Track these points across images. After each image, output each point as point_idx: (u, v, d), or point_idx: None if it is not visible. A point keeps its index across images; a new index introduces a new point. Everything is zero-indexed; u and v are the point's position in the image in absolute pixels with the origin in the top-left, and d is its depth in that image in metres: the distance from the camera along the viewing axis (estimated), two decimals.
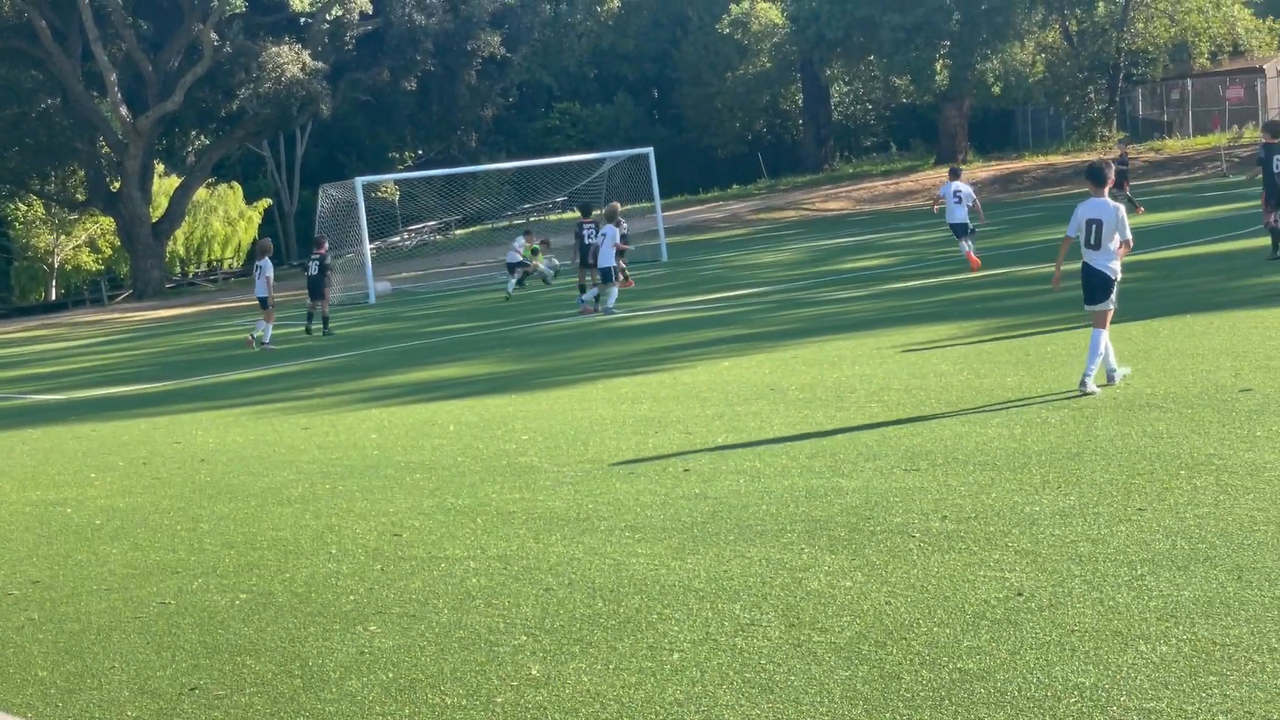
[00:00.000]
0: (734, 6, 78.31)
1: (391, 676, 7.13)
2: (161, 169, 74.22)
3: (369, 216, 44.35)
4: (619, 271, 28.88)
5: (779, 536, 8.97)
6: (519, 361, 21.55)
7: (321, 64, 64.09)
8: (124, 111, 63.36)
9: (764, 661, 6.72)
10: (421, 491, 11.81)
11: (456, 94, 71.33)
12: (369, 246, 43.89)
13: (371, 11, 66.52)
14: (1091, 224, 13.05)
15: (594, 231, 30.11)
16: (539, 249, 41.16)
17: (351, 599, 8.64)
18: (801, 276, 30.97)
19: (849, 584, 7.80)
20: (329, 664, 7.44)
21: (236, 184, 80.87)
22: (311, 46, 64.63)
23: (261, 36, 64.52)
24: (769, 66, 78.87)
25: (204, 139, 73.11)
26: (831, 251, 40.29)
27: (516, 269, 39.33)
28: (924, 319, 20.42)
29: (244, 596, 8.99)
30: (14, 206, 75.85)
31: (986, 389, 13.70)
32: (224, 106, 67.89)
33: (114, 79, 62.74)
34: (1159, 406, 11.80)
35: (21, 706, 7.29)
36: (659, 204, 47.16)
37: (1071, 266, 14.26)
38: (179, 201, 68.19)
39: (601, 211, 32.76)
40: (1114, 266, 13.08)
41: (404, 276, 53.35)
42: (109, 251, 77.64)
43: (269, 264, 30.18)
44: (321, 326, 31.54)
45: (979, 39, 67.51)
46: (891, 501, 9.56)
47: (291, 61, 62.49)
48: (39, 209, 75.23)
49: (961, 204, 29.38)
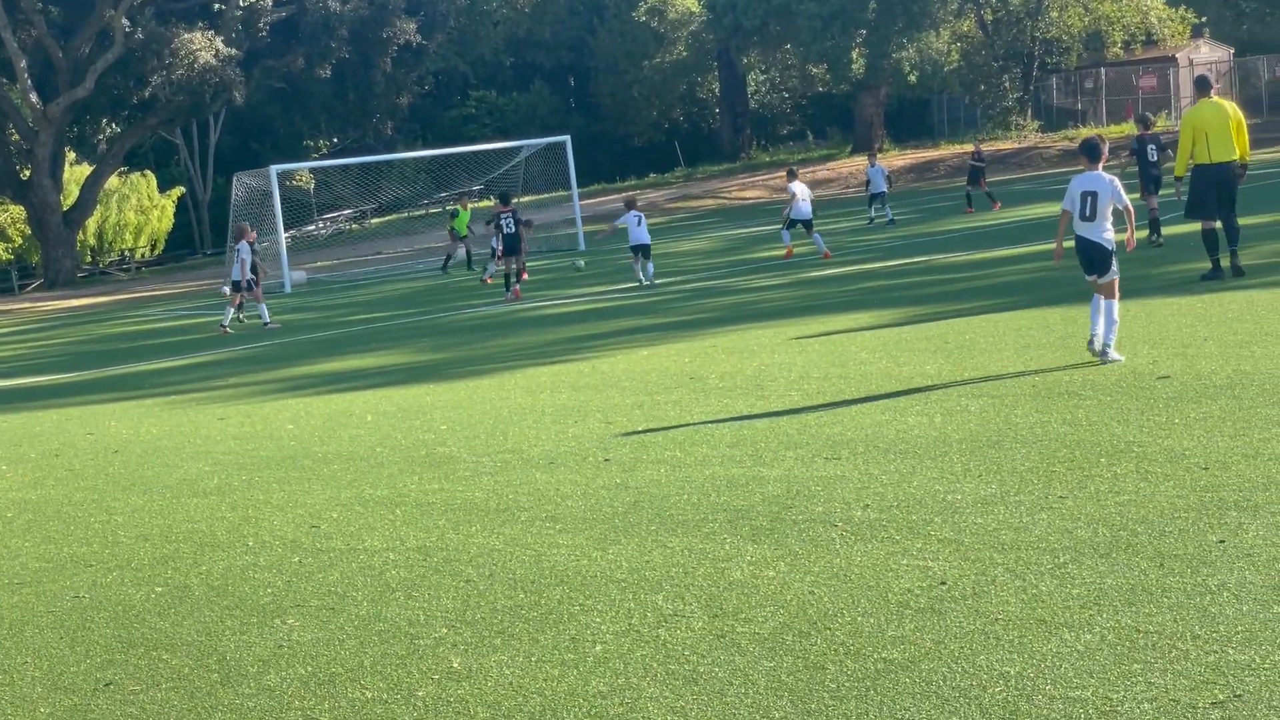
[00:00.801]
0: None
1: (310, 670, 7.01)
2: (73, 157, 73.17)
3: (284, 205, 43.97)
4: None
5: (701, 526, 8.92)
6: (436, 351, 21.39)
7: (235, 51, 63.40)
8: (34, 98, 62.41)
9: (687, 653, 6.66)
10: (339, 483, 11.67)
11: (372, 81, 70.82)
12: (284, 235, 43.48)
13: None
14: (1087, 196, 13.49)
15: (512, 220, 29.96)
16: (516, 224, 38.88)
17: (269, 592, 8.51)
18: (719, 265, 30.96)
19: (772, 574, 7.75)
20: (246, 658, 7.31)
21: (149, 172, 79.88)
22: (225, 33, 63.92)
23: (174, 23, 63.72)
24: (686, 55, 78.87)
25: (116, 126, 72.16)
26: (749, 240, 40.34)
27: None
28: (843, 307, 20.45)
29: (159, 590, 8.84)
30: None
31: (906, 377, 13.71)
32: (136, 94, 67.02)
33: (23, 65, 61.79)
34: (1078, 394, 11.84)
35: None
36: (576, 192, 47.05)
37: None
38: (90, 190, 67.26)
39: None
40: (1109, 237, 13.48)
41: (319, 266, 52.93)
42: (19, 240, 76.52)
43: (246, 247, 29.99)
44: (239, 315, 31.33)
45: (895, 28, 67.82)
46: (813, 490, 9.53)
47: (204, 48, 61.77)
48: None
49: (807, 200, 29.95)
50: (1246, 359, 12.52)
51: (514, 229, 29.75)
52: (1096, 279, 13.52)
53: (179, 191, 78.56)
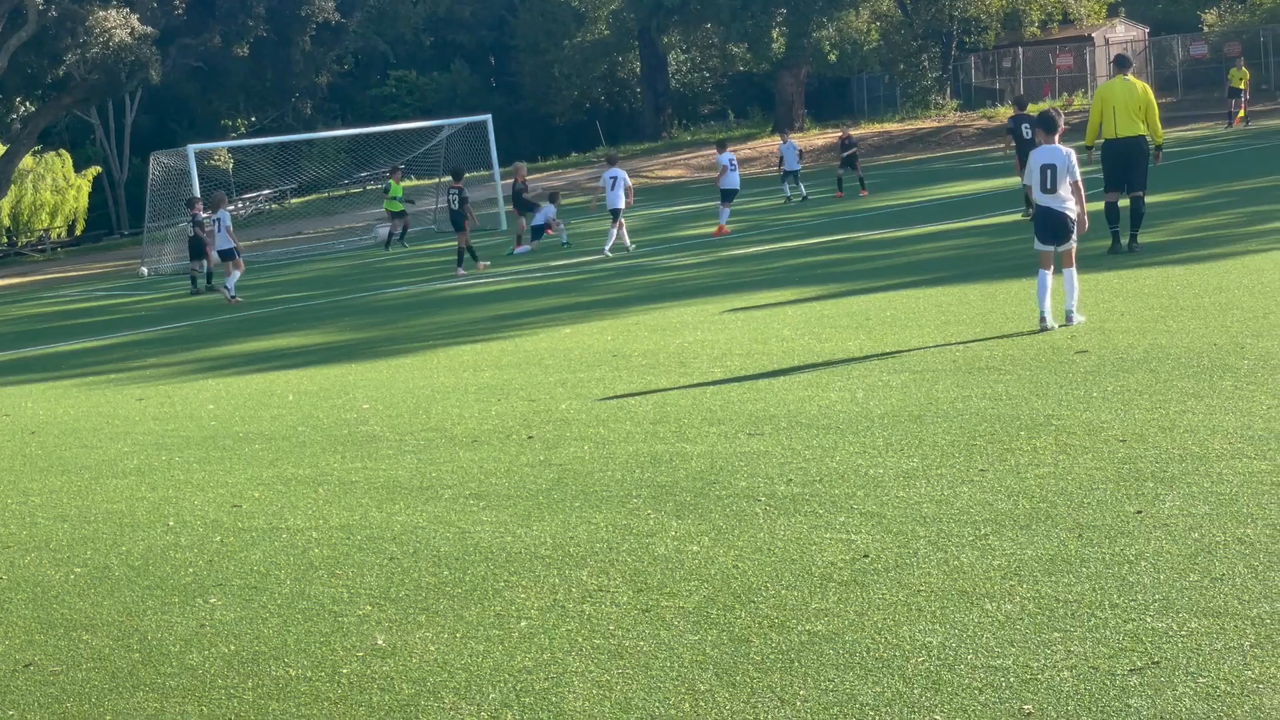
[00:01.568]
0: None
1: (233, 649, 6.97)
2: None
3: (202, 185, 43.45)
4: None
5: (625, 502, 8.93)
6: (358, 330, 21.28)
7: (151, 29, 62.64)
8: None
9: (612, 627, 6.67)
10: (261, 462, 11.59)
11: (290, 60, 70.16)
12: (202, 215, 42.99)
13: None
14: (1046, 169, 13.86)
15: (458, 197, 29.87)
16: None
17: (191, 571, 8.44)
18: (642, 243, 30.95)
19: (696, 549, 7.78)
20: (168, 638, 7.25)
21: (64, 152, 78.84)
22: (140, 11, 63.13)
23: (89, 1, 62.91)
24: (607, 34, 78.75)
25: (30, 105, 71.14)
26: (670, 219, 40.36)
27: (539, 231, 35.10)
28: (764, 284, 20.52)
29: (79, 570, 8.75)
30: None
31: (828, 353, 13.78)
32: (50, 72, 66.03)
33: None
34: (998, 368, 11.94)
35: None
36: (498, 172, 46.80)
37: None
38: (4, 170, 66.28)
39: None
40: (1070, 207, 13.82)
41: (239, 246, 52.39)
42: None
43: (227, 215, 30.32)
44: (206, 282, 32.63)
45: (815, 7, 67.95)
46: (736, 466, 9.56)
47: (120, 26, 61.01)
48: None
49: (735, 170, 31.03)
50: (1162, 333, 12.67)
51: (458, 206, 29.73)
52: (1057, 247, 13.91)
53: (95, 171, 77.59)
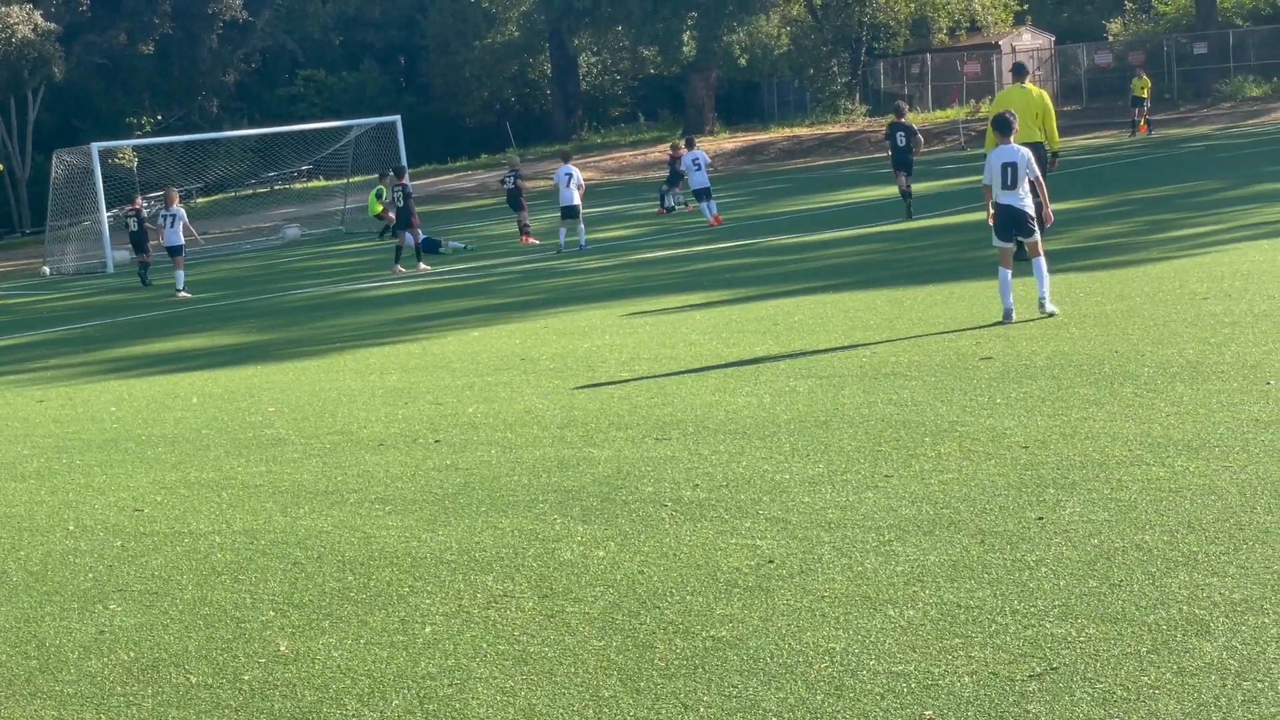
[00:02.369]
0: None
1: (133, 656, 6.89)
2: None
3: (106, 184, 42.97)
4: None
5: (531, 507, 8.92)
6: (265, 332, 21.11)
7: (54, 25, 61.87)
8: None
9: (517, 633, 6.66)
10: (164, 465, 11.47)
11: (197, 58, 69.57)
12: (106, 215, 42.54)
13: None
14: (1007, 167, 14.52)
15: (404, 194, 29.58)
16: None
17: (91, 577, 8.34)
18: (551, 246, 30.91)
19: (602, 554, 7.78)
20: (67, 644, 7.16)
21: None
22: (44, 7, 62.34)
23: None
24: (517, 35, 78.58)
25: None
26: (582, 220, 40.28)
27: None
28: (673, 289, 20.56)
29: None
30: None
31: (736, 357, 13.82)
32: None
33: None
34: (904, 374, 12.03)
35: None
36: (407, 173, 46.63)
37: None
38: None
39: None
40: (1028, 202, 14.50)
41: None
42: None
43: (183, 211, 30.32)
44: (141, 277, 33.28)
45: (726, 11, 68.14)
46: (643, 471, 9.57)
47: (22, 22, 60.21)
48: None
49: (701, 169, 31.43)
50: (1065, 340, 12.82)
51: (403, 203, 29.47)
52: (1021, 240, 14.57)
53: None
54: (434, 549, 8.20)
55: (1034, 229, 14.51)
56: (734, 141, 66.28)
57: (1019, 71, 20.13)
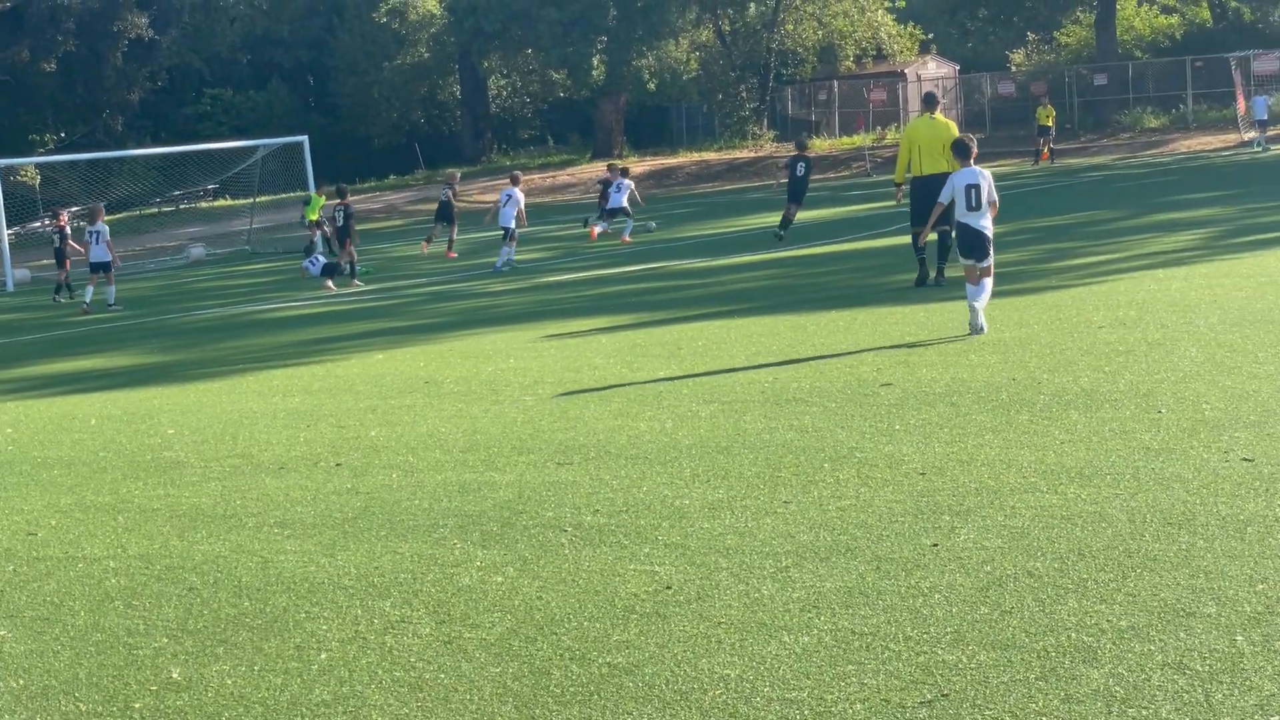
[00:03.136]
0: None
1: (22, 684, 6.80)
2: None
3: (7, 201, 42.46)
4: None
5: (431, 532, 8.89)
6: (167, 353, 20.90)
7: None
8: None
9: (413, 659, 6.64)
10: (59, 488, 11.33)
11: (102, 76, 68.82)
12: (7, 232, 41.99)
13: None
14: (971, 189, 15.06)
15: (344, 214, 29.68)
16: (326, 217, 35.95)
17: None
18: (457, 269, 30.86)
19: (500, 579, 7.77)
20: None
21: None
22: None
23: None
24: (427, 57, 78.39)
25: None
26: (488, 244, 40.23)
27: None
28: (579, 312, 20.58)
29: None
30: None
31: (640, 382, 13.86)
32: None
33: None
34: (805, 400, 12.11)
35: None
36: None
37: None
38: None
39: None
40: (988, 225, 15.03)
41: (45, 264, 51.18)
42: None
43: (105, 228, 30.28)
44: (58, 293, 33.45)
45: (635, 35, 68.40)
46: (544, 496, 9.57)
47: None
48: None
49: (621, 192, 31.97)
50: (964, 367, 12.96)
51: (344, 222, 29.60)
52: (976, 263, 14.94)
53: None
54: (332, 574, 8.16)
55: (989, 253, 15.00)
56: (642, 165, 66.44)
57: (929, 102, 20.42)
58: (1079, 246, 23.29)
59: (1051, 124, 53.21)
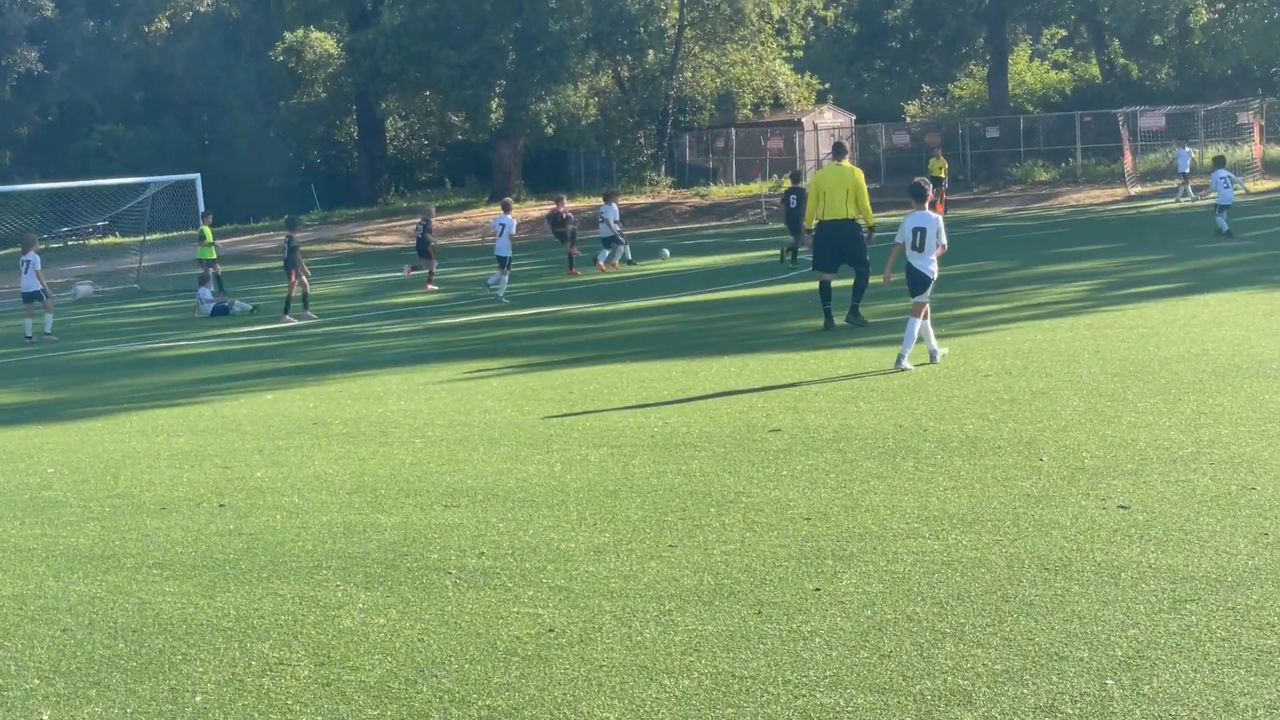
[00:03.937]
0: (288, 34, 77.13)
1: None
2: None
3: None
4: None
5: (314, 573, 8.82)
6: (49, 391, 20.58)
7: None
8: None
9: (290, 702, 6.57)
10: None
11: None
12: None
13: None
14: (918, 231, 15.95)
15: (289, 246, 29.47)
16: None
17: None
18: (351, 310, 30.72)
19: (382, 621, 7.72)
20: None
21: None
22: None
23: None
24: (324, 97, 78.09)
25: None
26: (382, 285, 40.09)
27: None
28: (471, 355, 20.53)
29: None
30: None
31: (529, 425, 13.84)
32: None
33: None
34: (694, 445, 12.15)
35: None
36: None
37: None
38: None
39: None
40: (932, 268, 15.97)
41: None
42: None
43: (37, 258, 30.19)
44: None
45: (534, 80, 68.51)
46: (430, 538, 9.53)
47: None
48: None
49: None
50: (852, 414, 13.07)
51: (289, 254, 29.72)
52: (915, 299, 15.87)
53: None
54: (211, 615, 8.06)
55: (925, 292, 15.87)
56: (540, 209, 66.46)
57: (838, 151, 20.99)
58: (968, 296, 23.58)
59: (944, 175, 53.85)
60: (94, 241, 62.78)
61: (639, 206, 66.17)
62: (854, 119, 75.05)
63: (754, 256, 38.41)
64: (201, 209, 44.71)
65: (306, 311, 29.60)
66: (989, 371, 15.07)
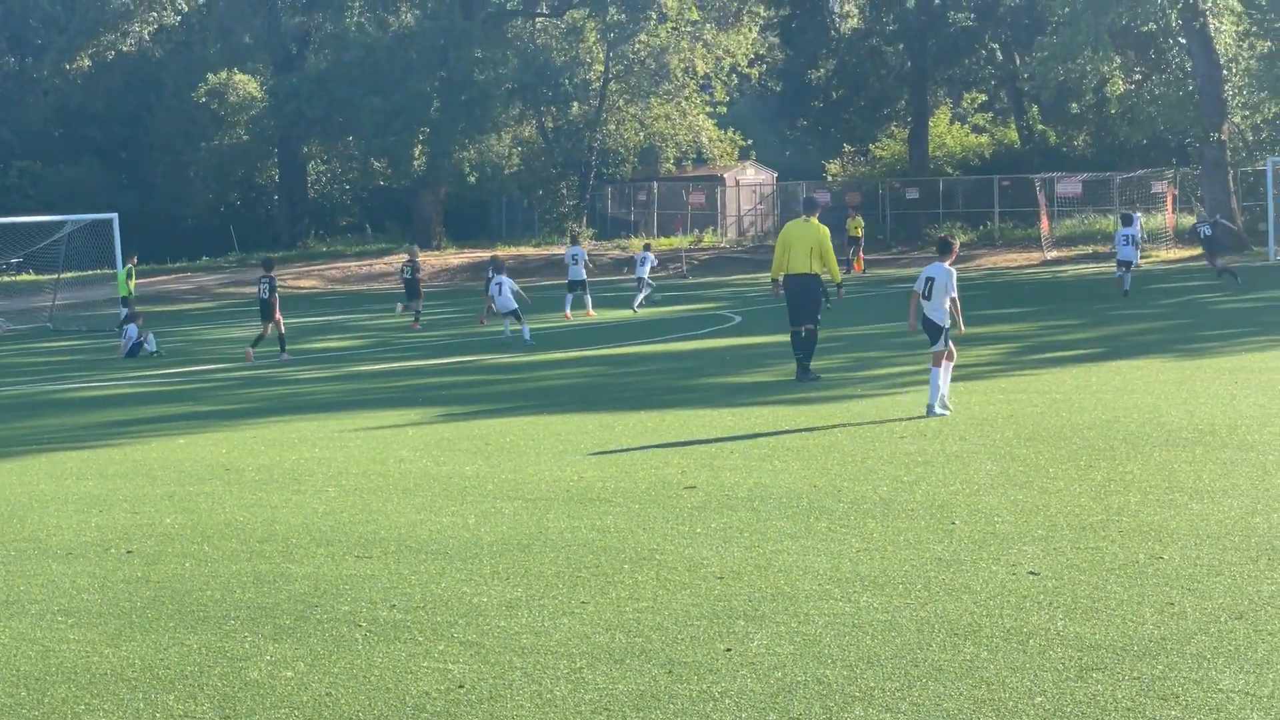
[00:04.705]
0: (211, 76, 76.75)
1: None
2: None
3: None
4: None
5: (221, 623, 8.73)
6: None
7: None
8: None
9: None
10: None
11: None
12: None
13: None
14: (929, 280, 16.69)
15: (269, 286, 29.21)
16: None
17: None
18: (267, 354, 30.48)
19: (290, 674, 7.65)
20: None
21: None
22: None
23: None
24: (246, 139, 77.70)
25: None
26: (300, 330, 39.86)
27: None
28: (388, 403, 20.43)
29: None
30: None
31: (444, 476, 13.79)
32: None
33: None
34: (609, 500, 12.15)
35: None
36: (121, 272, 45.59)
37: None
38: None
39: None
40: (942, 314, 16.56)
41: None
42: None
43: None
44: None
45: (457, 129, 68.53)
46: (341, 589, 9.46)
47: None
48: None
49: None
50: (767, 472, 13.11)
51: (267, 294, 29.40)
52: (932, 348, 16.54)
53: None
54: (115, 664, 7.96)
55: (939, 339, 16.47)
56: (460, 257, 66.45)
57: (809, 206, 21.42)
58: (885, 356, 23.76)
59: (860, 235, 54.37)
60: (7, 279, 62.04)
61: (559, 257, 66.08)
62: (776, 176, 75.60)
63: (672, 311, 38.53)
64: (119, 252, 44.39)
65: (250, 350, 29.46)
66: (904, 433, 15.18)
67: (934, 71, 69.77)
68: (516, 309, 30.82)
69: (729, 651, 7.68)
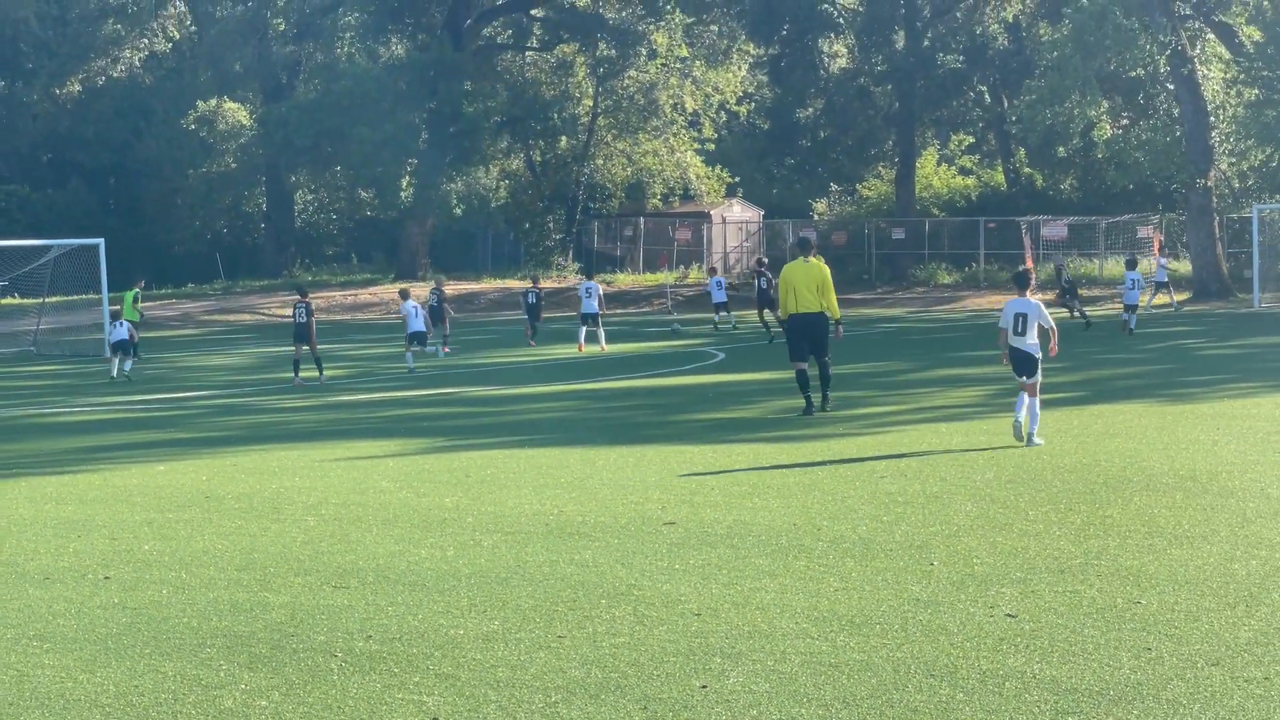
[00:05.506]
0: (201, 103, 76.83)
1: None
2: None
3: None
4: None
5: (197, 651, 8.71)
6: None
7: None
8: None
9: None
10: None
11: None
12: None
13: None
14: (1019, 317, 17.22)
15: (305, 311, 29.65)
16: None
17: None
18: (250, 382, 30.48)
19: (265, 703, 7.63)
20: None
21: None
22: None
23: None
24: (234, 167, 77.72)
25: None
26: (282, 359, 39.81)
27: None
28: (370, 434, 20.41)
29: None
30: None
31: (424, 508, 13.78)
32: None
33: None
34: (589, 535, 12.15)
35: None
36: (106, 297, 45.53)
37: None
38: None
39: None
40: (1034, 346, 17.08)
41: None
42: None
43: None
44: None
45: (445, 160, 68.66)
46: (317, 619, 9.44)
47: None
48: None
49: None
50: (747, 509, 13.11)
51: (305, 319, 29.69)
52: (1025, 379, 17.03)
53: None
54: (90, 691, 7.93)
55: (1036, 370, 17.03)
56: (446, 289, 66.41)
57: (804, 246, 21.63)
58: (867, 396, 23.79)
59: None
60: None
61: (545, 291, 66.26)
62: (763, 214, 75.76)
63: (657, 346, 38.55)
64: (104, 277, 44.34)
65: (321, 378, 29.81)
66: (885, 473, 15.19)
67: (922, 113, 69.96)
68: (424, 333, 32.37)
69: (704, 689, 7.67)
